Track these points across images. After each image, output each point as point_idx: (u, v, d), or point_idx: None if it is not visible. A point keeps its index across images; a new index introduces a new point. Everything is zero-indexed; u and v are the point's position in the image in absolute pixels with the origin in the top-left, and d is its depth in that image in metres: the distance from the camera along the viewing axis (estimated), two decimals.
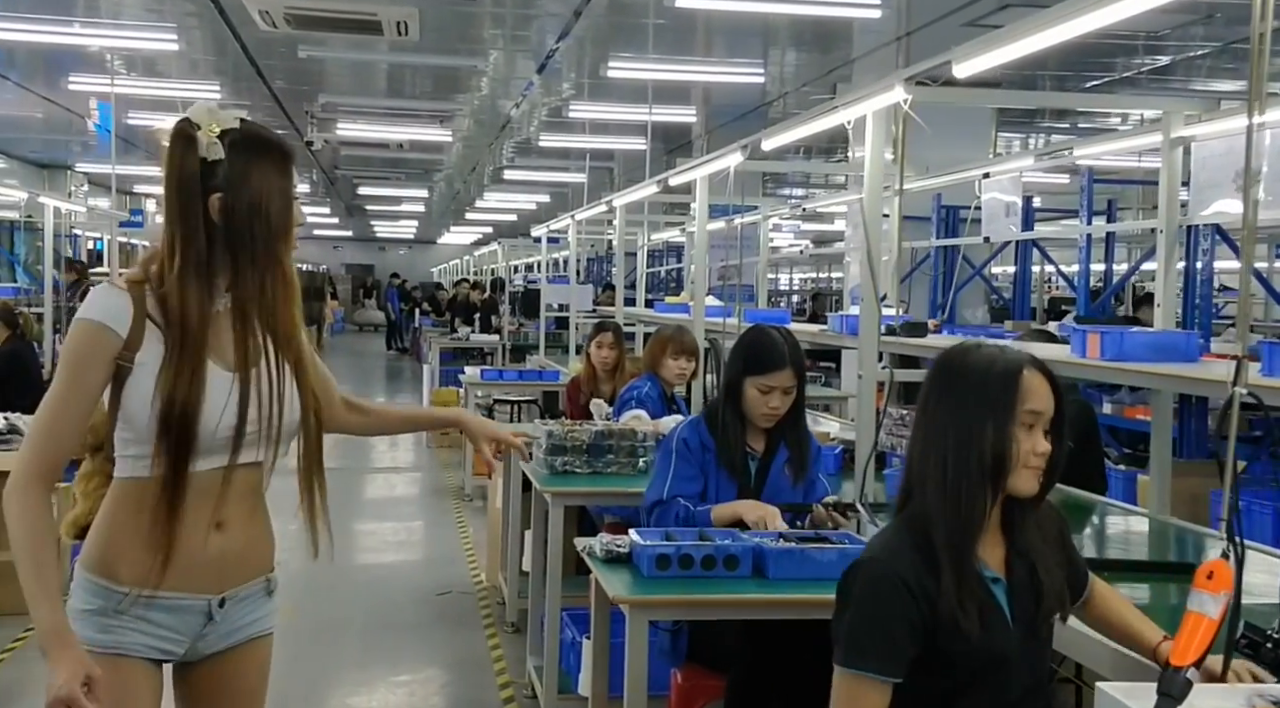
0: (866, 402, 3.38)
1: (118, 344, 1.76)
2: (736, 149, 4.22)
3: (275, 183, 1.82)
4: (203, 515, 1.81)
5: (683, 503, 3.03)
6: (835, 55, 9.93)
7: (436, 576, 5.95)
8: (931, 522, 1.82)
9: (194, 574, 1.82)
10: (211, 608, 1.86)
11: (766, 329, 3.17)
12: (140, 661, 1.82)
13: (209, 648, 1.89)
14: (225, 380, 1.81)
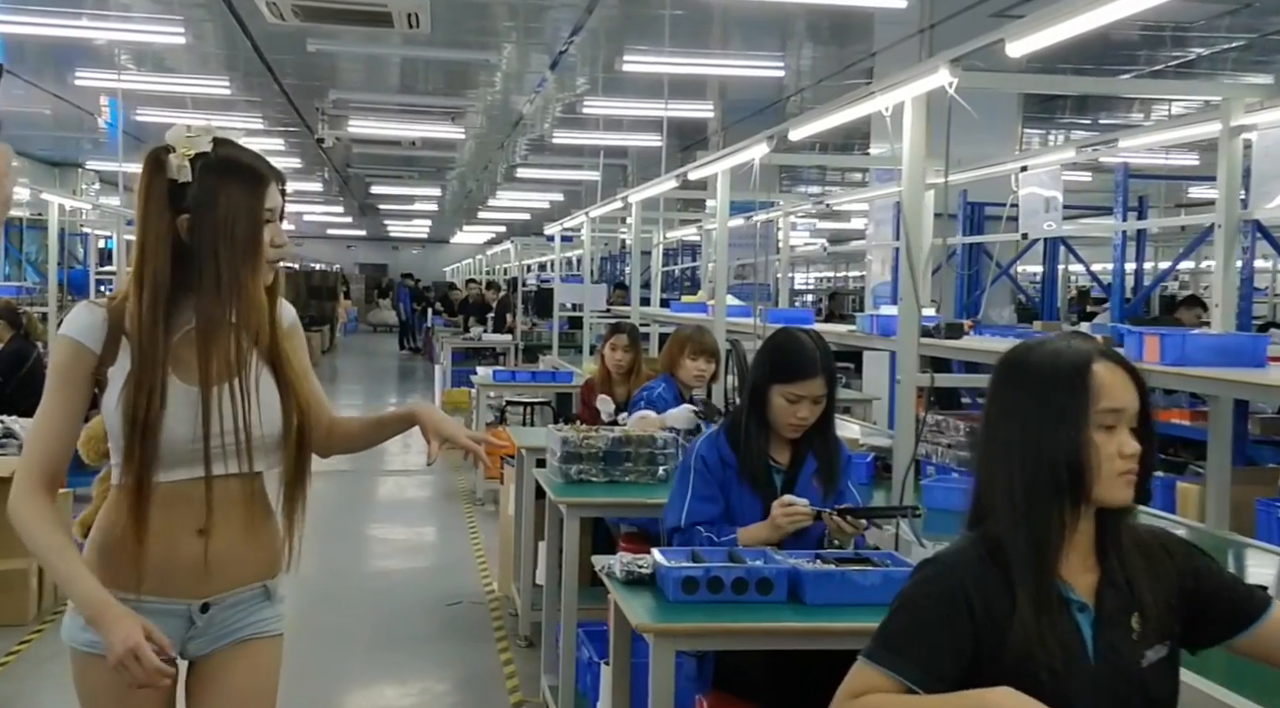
0: (905, 408, 3.16)
1: (92, 359, 1.85)
2: (762, 140, 3.99)
3: (242, 204, 1.85)
4: (181, 524, 1.85)
5: (704, 535, 2.81)
6: (854, 49, 9.71)
7: (447, 584, 5.75)
8: (1004, 542, 1.60)
9: (172, 580, 1.86)
10: (192, 613, 1.89)
11: (795, 333, 2.95)
12: None
13: (200, 650, 1.92)
14: (190, 395, 1.85)
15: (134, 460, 1.82)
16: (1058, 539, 1.58)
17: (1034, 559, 1.57)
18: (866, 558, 2.55)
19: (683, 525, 2.86)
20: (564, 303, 11.12)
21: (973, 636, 1.55)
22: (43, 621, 4.95)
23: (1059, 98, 11.20)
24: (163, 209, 1.83)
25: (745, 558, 2.51)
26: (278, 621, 1.98)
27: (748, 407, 2.88)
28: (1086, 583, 1.62)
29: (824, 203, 8.16)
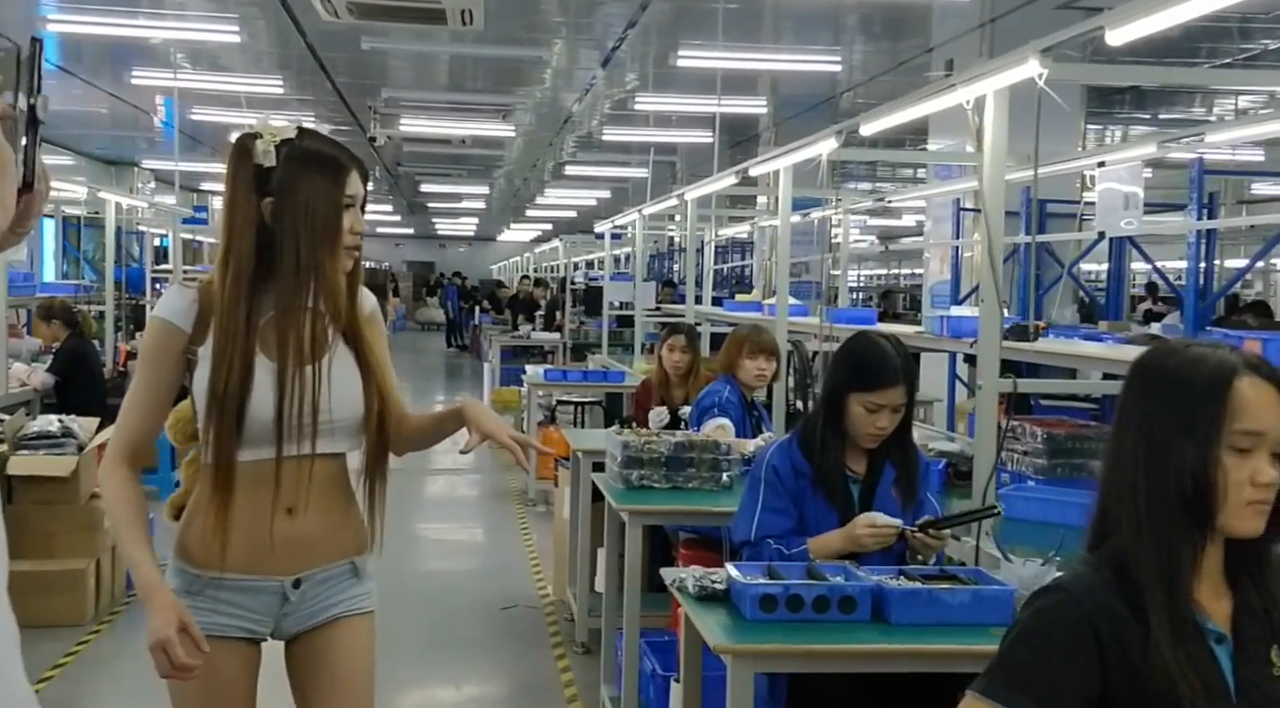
0: (986, 414, 3.01)
1: (182, 339, 1.90)
2: (830, 135, 3.86)
3: (322, 190, 1.89)
4: (267, 502, 1.88)
5: (774, 547, 2.68)
6: (910, 44, 9.51)
7: (500, 587, 5.68)
8: (1131, 563, 1.46)
9: (262, 557, 1.90)
10: (286, 589, 1.93)
11: (875, 338, 2.82)
12: (219, 638, 1.88)
13: (295, 627, 1.97)
14: (269, 374, 1.88)
15: (217, 438, 1.86)
16: (1188, 559, 1.44)
17: (1167, 582, 1.43)
18: (953, 575, 2.42)
19: (752, 539, 2.75)
20: (613, 301, 11.03)
21: (1100, 671, 1.42)
22: (100, 621, 4.95)
23: (1118, 93, 10.92)
24: (249, 193, 1.89)
25: (826, 575, 2.39)
26: (368, 598, 2.02)
27: (823, 414, 2.76)
28: (1221, 611, 1.48)
29: (884, 199, 7.96)
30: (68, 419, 5.16)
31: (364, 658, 2.02)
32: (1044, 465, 3.64)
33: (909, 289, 20.26)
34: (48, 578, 4.81)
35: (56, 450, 4.99)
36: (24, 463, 4.88)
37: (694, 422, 4.36)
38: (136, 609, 5.21)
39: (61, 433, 5.02)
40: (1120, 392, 1.55)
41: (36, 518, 4.88)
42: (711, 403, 4.29)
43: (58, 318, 6.59)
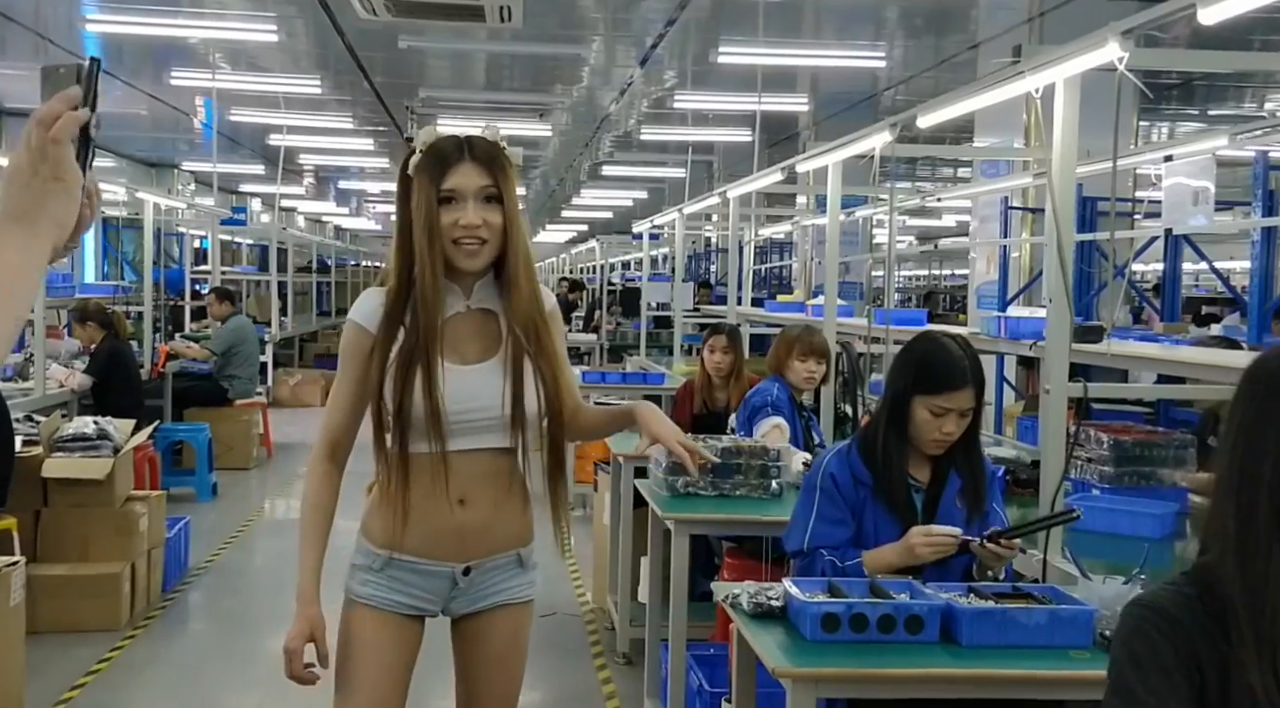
0: (1054, 421, 2.85)
1: (371, 339, 2.02)
2: (884, 128, 3.70)
3: (423, 189, 1.97)
4: (441, 492, 1.99)
5: (827, 559, 2.54)
6: (953, 39, 9.30)
7: (539, 593, 5.55)
8: (1218, 578, 1.33)
9: (437, 543, 2.02)
10: (456, 575, 2.04)
11: (941, 338, 2.66)
12: (390, 613, 2.04)
13: (461, 609, 2.09)
14: (445, 372, 1.99)
15: (392, 432, 2.00)
16: (1275, 581, 1.30)
17: (1253, 601, 1.30)
18: (1027, 593, 2.27)
19: (805, 549, 2.60)
20: (651, 302, 10.91)
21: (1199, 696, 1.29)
22: (136, 626, 4.89)
23: (1167, 88, 10.64)
24: (402, 203, 2.02)
25: (890, 591, 2.24)
26: (530, 586, 2.15)
27: (885, 420, 2.61)
28: None
29: (933, 197, 7.77)
30: (103, 421, 5.10)
31: (522, 642, 2.16)
32: (1110, 474, 3.46)
33: (949, 290, 19.98)
34: (82, 582, 4.75)
35: (92, 453, 4.93)
36: (59, 465, 4.82)
37: (742, 422, 4.22)
38: (173, 614, 5.17)
39: (97, 435, 4.96)
40: (1231, 400, 1.42)
41: (71, 521, 4.83)
42: (763, 402, 4.14)
43: (92, 319, 6.55)
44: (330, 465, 2.06)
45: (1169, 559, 3.09)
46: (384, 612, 2.04)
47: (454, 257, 1.98)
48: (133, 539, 4.96)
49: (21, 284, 1.03)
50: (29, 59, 10.17)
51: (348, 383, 2.06)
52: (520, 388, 2.02)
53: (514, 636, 2.14)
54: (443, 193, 1.96)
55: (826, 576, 2.50)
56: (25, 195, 1.04)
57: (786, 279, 14.92)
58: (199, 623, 5.08)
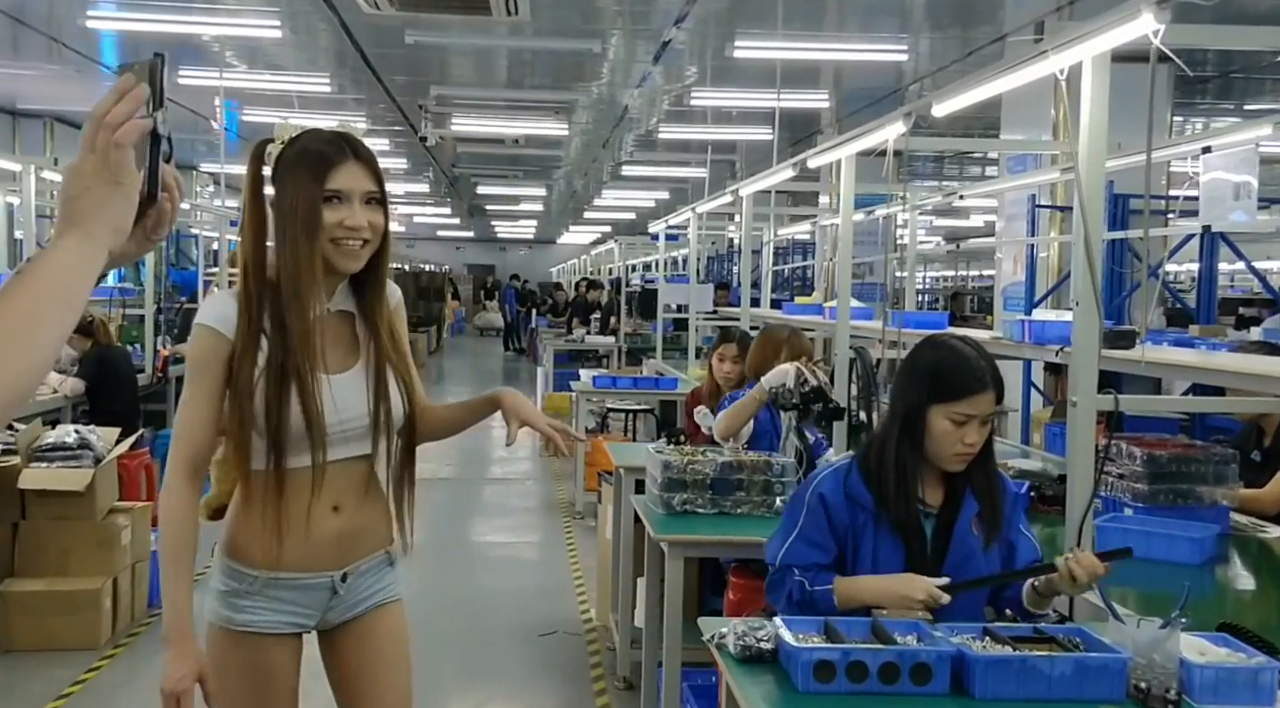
0: (1082, 435, 2.57)
1: (229, 346, 1.91)
2: (897, 118, 3.43)
3: (304, 186, 1.88)
4: (321, 501, 1.94)
5: (796, 579, 2.31)
6: (979, 31, 8.99)
7: (541, 609, 5.32)
8: None
9: (317, 554, 1.97)
10: (335, 583, 2.00)
11: (951, 341, 2.40)
12: (271, 635, 1.97)
13: (339, 618, 2.03)
14: (321, 383, 1.92)
15: (271, 446, 1.90)
16: None
17: None
18: (1051, 637, 1.99)
19: (777, 564, 2.38)
20: (669, 304, 10.66)
21: None
22: (117, 644, 4.69)
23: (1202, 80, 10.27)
24: (259, 199, 1.92)
25: (894, 634, 1.98)
26: (397, 585, 2.11)
27: (896, 436, 2.34)
28: None
29: (955, 195, 7.46)
30: (85, 430, 4.91)
31: (403, 641, 2.12)
32: (1144, 491, 3.18)
33: (975, 291, 19.61)
34: (61, 598, 4.56)
35: (72, 463, 4.74)
36: (37, 476, 4.63)
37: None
38: (157, 632, 4.95)
39: (78, 444, 4.77)
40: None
41: (50, 534, 4.64)
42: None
43: (75, 332, 6.39)
44: (191, 489, 1.92)
45: (1210, 588, 2.80)
46: (263, 635, 1.97)
47: (333, 258, 1.90)
48: (114, 553, 4.76)
49: (78, 290, 1.02)
50: (42, 60, 10.08)
51: (205, 396, 1.92)
52: (386, 394, 1.98)
53: (395, 635, 2.11)
54: (326, 192, 1.88)
55: (793, 596, 2.30)
56: (85, 199, 1.03)
57: (810, 280, 14.63)
58: None
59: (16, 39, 9.38)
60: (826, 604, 2.25)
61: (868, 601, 2.22)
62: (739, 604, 3.73)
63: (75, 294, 1.02)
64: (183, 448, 1.91)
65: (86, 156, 1.04)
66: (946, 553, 2.37)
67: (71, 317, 1.03)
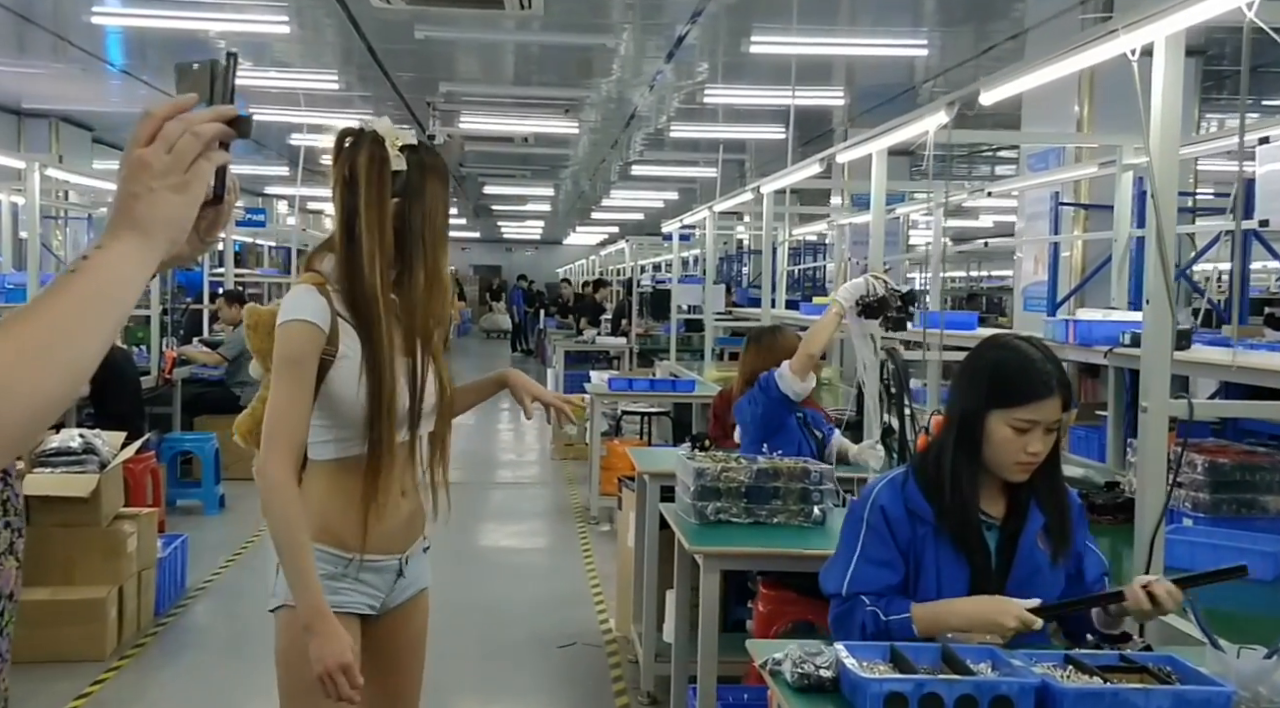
0: (1154, 445, 2.40)
1: (323, 340, 1.98)
2: (939, 108, 3.27)
3: (443, 197, 2.06)
4: (396, 485, 2.03)
5: (869, 608, 2.13)
6: (996, 26, 8.83)
7: (558, 619, 5.16)
8: None
9: (392, 537, 2.06)
10: (402, 565, 2.10)
11: (1015, 341, 2.24)
12: (354, 617, 2.03)
13: (394, 601, 2.11)
14: (402, 366, 2.03)
15: (377, 429, 1.98)
16: None
17: None
18: (1141, 665, 1.83)
19: (844, 593, 2.19)
20: (681, 305, 10.49)
21: None
22: (122, 656, 4.53)
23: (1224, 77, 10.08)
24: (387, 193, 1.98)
25: (968, 661, 1.81)
26: (429, 571, 2.22)
27: (954, 443, 2.18)
28: None
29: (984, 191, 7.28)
30: (90, 434, 4.76)
31: (426, 630, 2.23)
32: (1205, 501, 3.01)
33: (987, 293, 19.42)
34: (65, 608, 4.40)
35: (77, 468, 4.59)
36: (41, 482, 4.48)
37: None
38: (164, 642, 4.80)
39: (83, 449, 4.62)
40: None
41: (54, 542, 4.48)
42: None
43: None
44: (295, 482, 1.97)
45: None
46: (350, 616, 2.02)
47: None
48: (120, 561, 4.61)
49: (128, 298, 1.00)
50: (47, 58, 9.94)
51: (307, 387, 1.97)
52: (438, 379, 2.10)
53: (425, 620, 2.21)
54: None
55: (867, 629, 2.11)
56: (148, 201, 0.99)
57: (820, 281, 14.44)
58: (192, 651, 4.71)
59: (22, 37, 9.24)
60: (905, 636, 2.07)
61: (954, 628, 2.05)
62: (769, 617, 3.57)
63: (125, 302, 0.99)
64: (286, 443, 1.95)
65: (159, 155, 0.99)
66: (1011, 569, 2.20)
67: (116, 327, 1.00)
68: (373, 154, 1.98)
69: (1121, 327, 3.56)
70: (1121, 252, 4.23)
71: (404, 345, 2.03)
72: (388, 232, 1.98)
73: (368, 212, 1.97)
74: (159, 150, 1.00)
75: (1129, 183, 4.18)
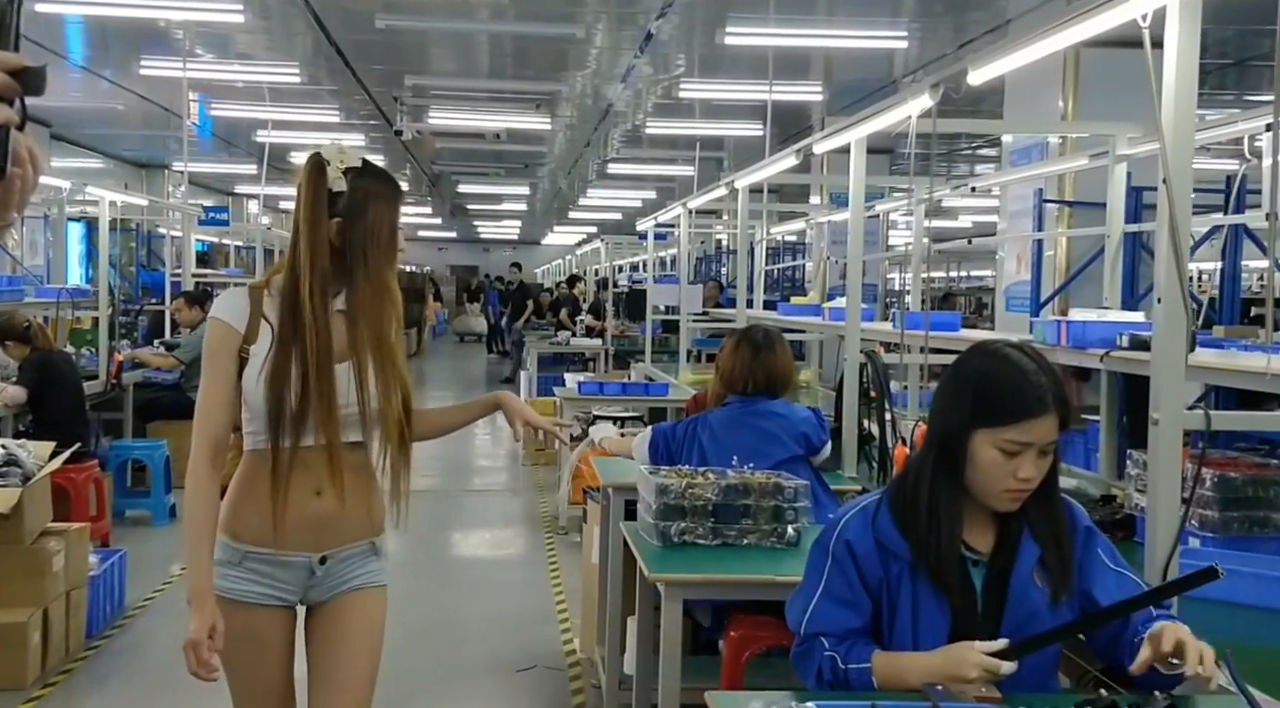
0: (1166, 460, 2.13)
1: (238, 338, 2.13)
2: (923, 90, 2.99)
3: (387, 217, 2.17)
4: (305, 485, 2.12)
5: (827, 654, 1.89)
6: (974, 17, 8.59)
7: (520, 639, 4.86)
8: None
9: (297, 535, 2.13)
10: (313, 564, 2.16)
11: (1004, 350, 1.95)
12: (258, 606, 2.14)
13: (319, 597, 2.19)
14: (340, 372, 2.13)
15: (274, 428, 2.09)
16: None
17: None
18: None
19: (802, 632, 1.94)
20: (657, 305, 10.21)
21: None
22: (46, 683, 4.20)
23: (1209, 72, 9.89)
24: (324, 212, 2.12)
25: None
26: (382, 573, 2.26)
27: (932, 466, 1.91)
28: None
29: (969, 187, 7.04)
30: (14, 444, 4.43)
31: (375, 622, 2.24)
32: (1214, 519, 2.75)
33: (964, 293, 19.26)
34: None
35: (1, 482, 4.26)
36: None
37: None
38: (94, 668, 4.44)
39: (4, 461, 4.29)
40: None
41: None
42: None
43: (10, 339, 5.91)
44: (211, 468, 2.12)
45: None
46: (250, 605, 2.14)
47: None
48: (44, 581, 4.28)
49: None
50: None
51: (220, 379, 2.12)
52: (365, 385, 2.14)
53: (368, 615, 2.22)
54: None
55: (824, 674, 1.87)
56: None
57: (799, 281, 14.20)
58: (124, 677, 4.38)
59: None
60: (863, 687, 1.83)
61: (913, 683, 1.79)
62: (741, 642, 3.28)
63: None
64: (204, 432, 2.11)
65: None
66: (1003, 612, 1.93)
67: None
68: (310, 177, 2.13)
69: (1118, 328, 3.31)
70: (1114, 248, 3.98)
71: (344, 353, 2.12)
72: (322, 248, 2.10)
73: (304, 228, 2.11)
74: None
75: (1122, 175, 3.93)
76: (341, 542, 2.17)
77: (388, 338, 2.17)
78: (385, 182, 2.18)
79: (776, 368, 3.55)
